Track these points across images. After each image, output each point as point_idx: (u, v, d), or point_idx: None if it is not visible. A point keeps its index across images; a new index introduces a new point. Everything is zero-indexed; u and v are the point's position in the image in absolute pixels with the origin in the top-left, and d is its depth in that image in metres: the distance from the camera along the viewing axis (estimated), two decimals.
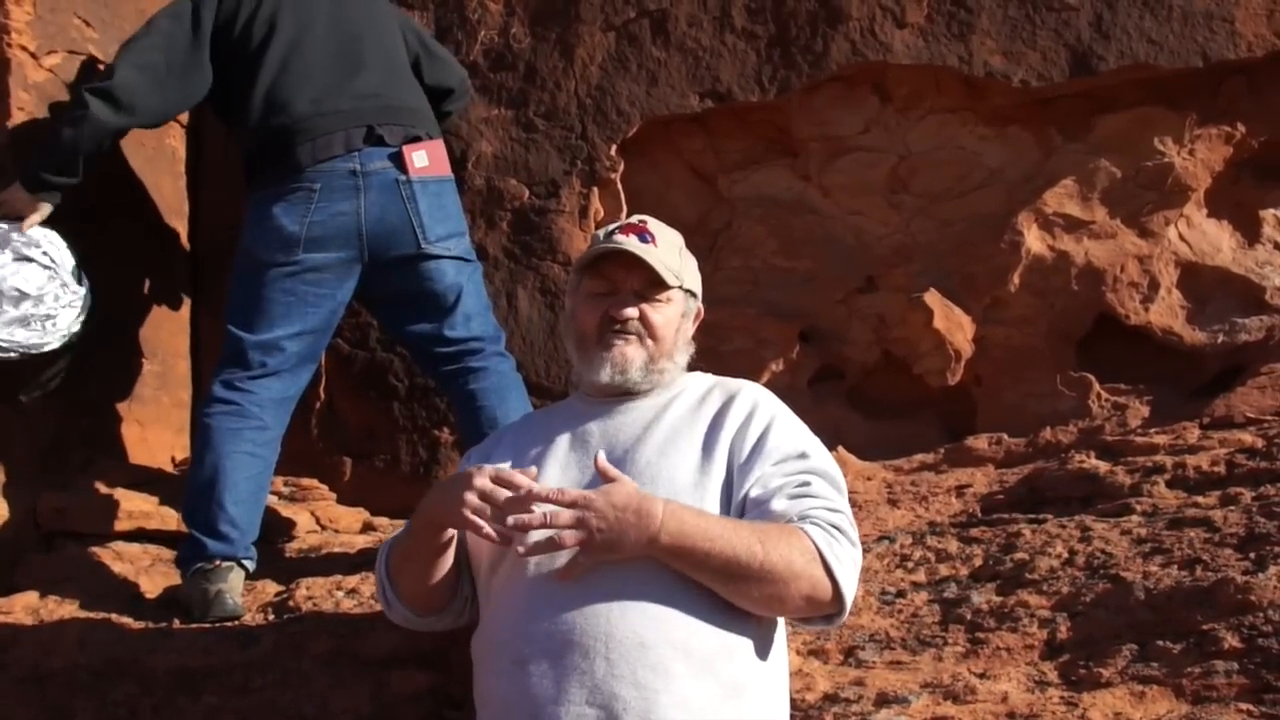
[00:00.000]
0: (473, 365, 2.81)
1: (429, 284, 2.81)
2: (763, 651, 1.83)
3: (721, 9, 3.31)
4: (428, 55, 3.10)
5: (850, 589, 1.81)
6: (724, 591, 1.77)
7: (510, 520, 1.76)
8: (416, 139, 2.82)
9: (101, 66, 3.35)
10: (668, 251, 2.01)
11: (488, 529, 1.77)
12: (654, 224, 2.04)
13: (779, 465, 1.87)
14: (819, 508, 1.83)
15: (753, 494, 1.85)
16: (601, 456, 1.85)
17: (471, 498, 1.79)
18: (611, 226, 2.04)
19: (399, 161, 2.77)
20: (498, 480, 1.80)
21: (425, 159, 2.80)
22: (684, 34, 3.32)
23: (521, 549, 1.76)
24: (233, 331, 2.74)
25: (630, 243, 1.97)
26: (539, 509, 1.75)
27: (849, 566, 1.81)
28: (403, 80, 2.96)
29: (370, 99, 2.83)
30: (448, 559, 1.95)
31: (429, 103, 3.02)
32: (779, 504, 1.82)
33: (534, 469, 1.88)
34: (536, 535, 1.76)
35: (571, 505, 1.75)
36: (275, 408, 2.72)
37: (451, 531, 1.93)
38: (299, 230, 2.71)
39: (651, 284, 1.99)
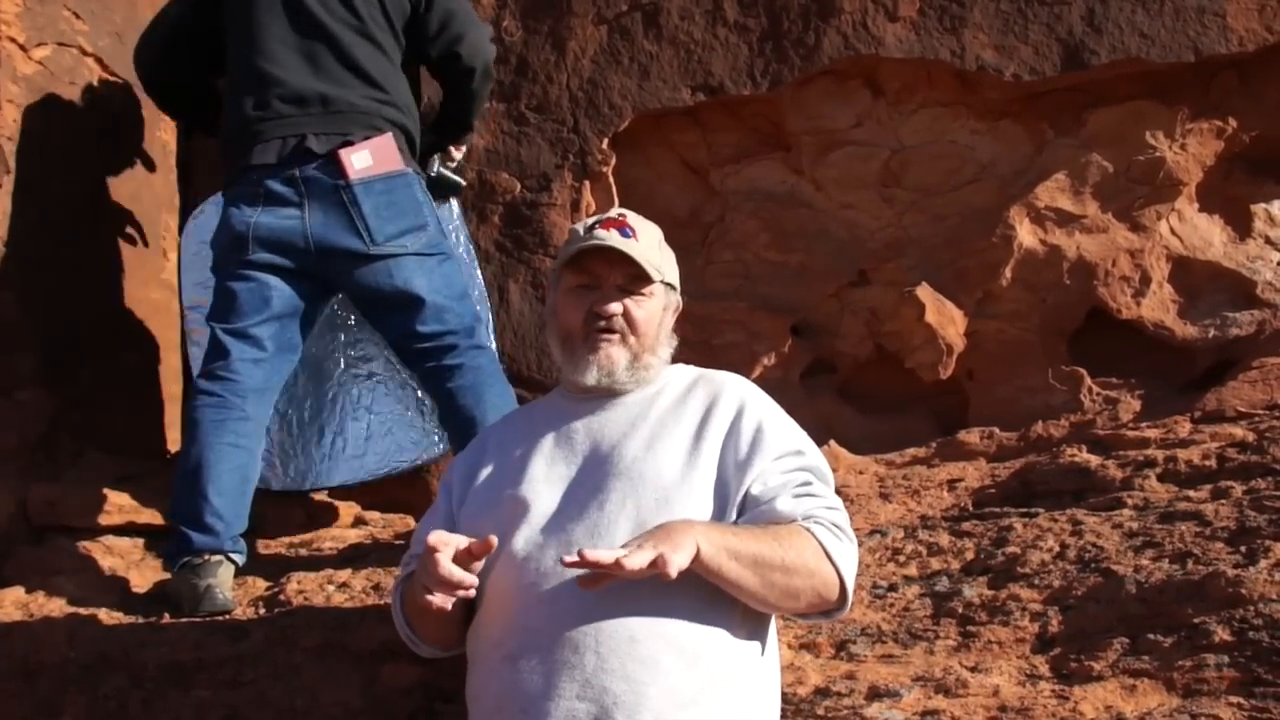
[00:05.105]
0: (448, 363, 2.75)
1: (389, 283, 2.74)
2: (753, 644, 1.83)
3: (713, 2, 3.30)
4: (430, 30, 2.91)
5: (852, 584, 1.85)
6: (751, 587, 1.76)
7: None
8: (349, 142, 2.73)
9: (89, 59, 3.34)
10: (648, 245, 2.00)
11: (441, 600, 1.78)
12: (634, 218, 2.02)
13: (778, 461, 1.89)
14: (821, 507, 1.86)
15: (754, 490, 1.86)
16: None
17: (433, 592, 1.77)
18: (591, 220, 2.02)
19: (337, 166, 2.71)
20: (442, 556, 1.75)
21: (367, 158, 2.72)
22: (676, 27, 3.31)
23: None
24: (209, 324, 2.75)
25: (612, 238, 1.96)
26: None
27: (851, 563, 1.85)
28: (359, 75, 2.80)
29: (315, 103, 2.75)
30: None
31: (443, 75, 2.95)
32: (784, 504, 1.84)
33: (493, 538, 1.78)
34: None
35: (639, 549, 1.68)
36: (257, 398, 2.71)
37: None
38: (246, 231, 2.70)
39: (634, 278, 1.98)
